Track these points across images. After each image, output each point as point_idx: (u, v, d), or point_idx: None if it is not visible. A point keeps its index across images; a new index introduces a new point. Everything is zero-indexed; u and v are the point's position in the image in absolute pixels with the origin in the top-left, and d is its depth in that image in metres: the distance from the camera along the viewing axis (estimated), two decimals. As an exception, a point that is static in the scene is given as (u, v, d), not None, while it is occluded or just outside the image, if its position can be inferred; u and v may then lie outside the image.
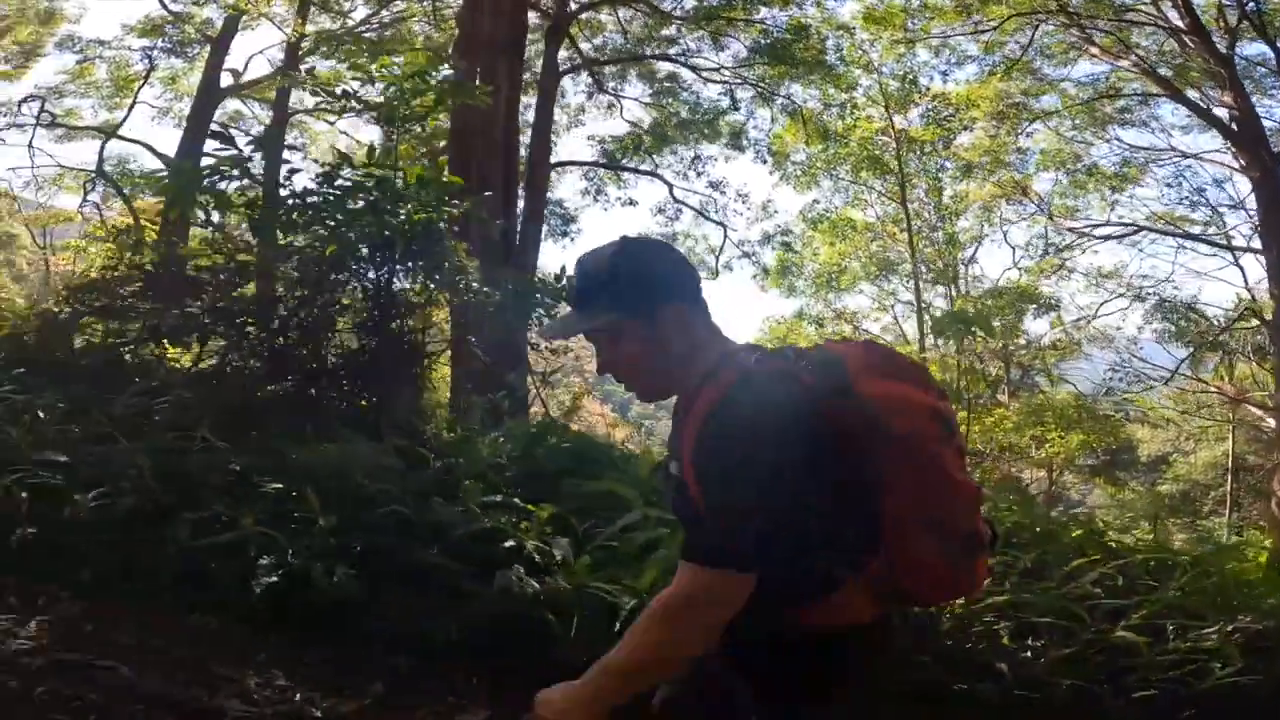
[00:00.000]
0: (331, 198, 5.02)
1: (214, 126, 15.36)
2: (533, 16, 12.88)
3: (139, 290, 5.15)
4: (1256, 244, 12.20)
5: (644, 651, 1.28)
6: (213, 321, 5.16)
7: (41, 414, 3.79)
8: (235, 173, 4.87)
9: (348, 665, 3.03)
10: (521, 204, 10.93)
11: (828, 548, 1.30)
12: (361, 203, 5.03)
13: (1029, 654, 2.90)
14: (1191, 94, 12.74)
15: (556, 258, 35.89)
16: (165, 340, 5.30)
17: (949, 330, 9.11)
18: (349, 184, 5.07)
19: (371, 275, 5.36)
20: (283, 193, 5.19)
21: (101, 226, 15.16)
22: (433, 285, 5.40)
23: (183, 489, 3.47)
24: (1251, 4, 10.72)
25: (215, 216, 5.51)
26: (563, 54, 15.49)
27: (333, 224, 5.12)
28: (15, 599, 2.92)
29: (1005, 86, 14.16)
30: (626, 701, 1.31)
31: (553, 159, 13.20)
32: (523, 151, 11.46)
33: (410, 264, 5.35)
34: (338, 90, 7.08)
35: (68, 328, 4.89)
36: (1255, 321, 11.69)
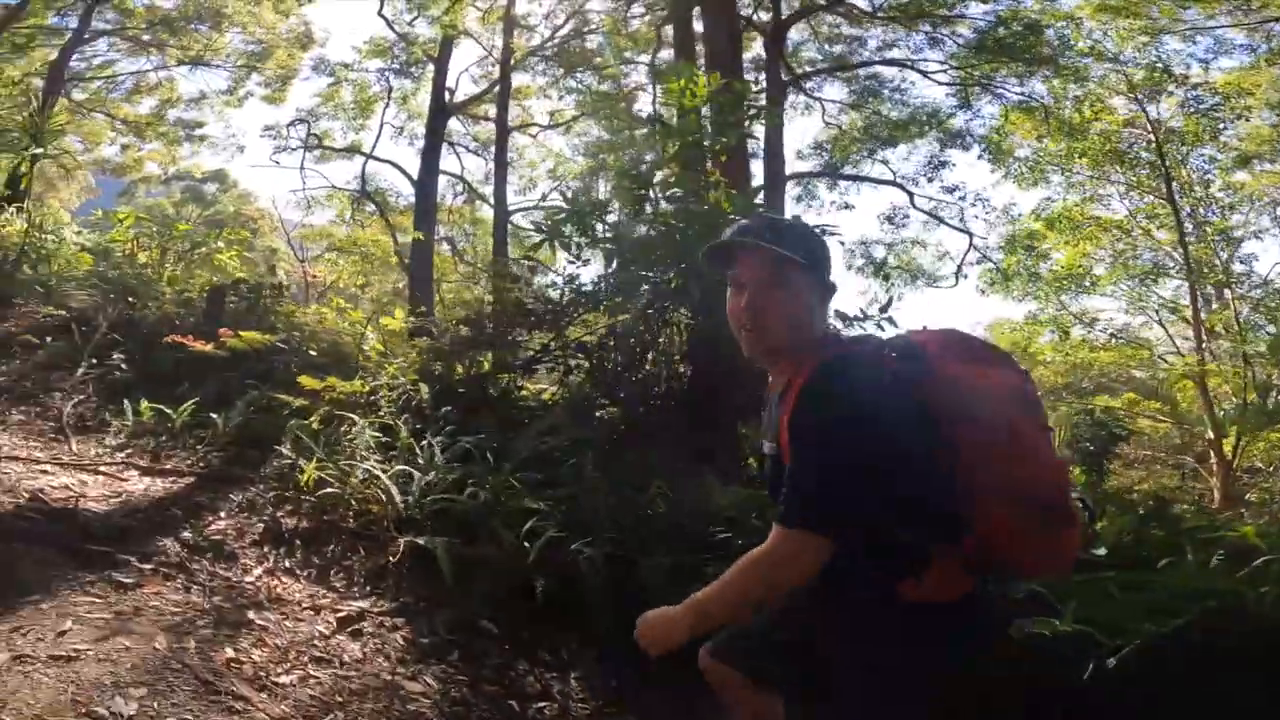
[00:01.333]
0: (691, 230, 5.15)
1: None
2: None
3: (506, 323, 5.58)
4: None
5: (726, 596, 1.43)
6: (571, 353, 5.50)
7: (490, 458, 4.16)
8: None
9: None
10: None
11: (916, 522, 1.38)
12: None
13: None
14: None
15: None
16: (522, 371, 5.73)
17: (1291, 355, 8.09)
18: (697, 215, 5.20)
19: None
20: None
21: (355, 242, 16.79)
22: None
23: (636, 533, 3.69)
24: None
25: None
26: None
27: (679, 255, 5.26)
28: (546, 653, 3.22)
29: (1285, 71, 12.59)
30: (701, 634, 1.53)
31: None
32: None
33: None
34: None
35: (454, 362, 5.34)
36: None
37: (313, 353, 5.38)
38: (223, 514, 3.44)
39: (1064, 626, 3.01)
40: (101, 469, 3.47)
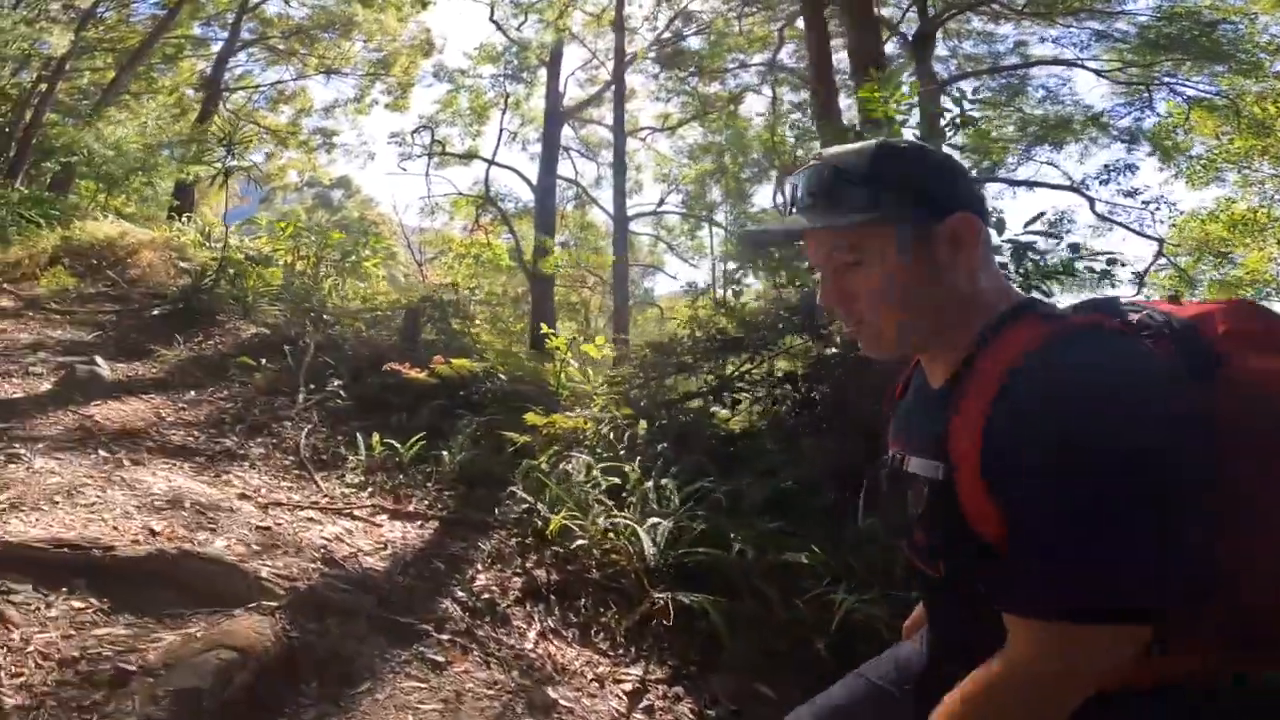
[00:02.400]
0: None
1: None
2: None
3: (703, 349, 5.32)
4: None
5: None
6: (777, 383, 5.18)
7: (723, 501, 3.89)
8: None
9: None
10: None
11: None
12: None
13: None
14: None
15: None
16: (713, 399, 5.45)
17: None
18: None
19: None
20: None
21: (481, 246, 16.98)
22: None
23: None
24: None
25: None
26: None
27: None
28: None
29: None
30: None
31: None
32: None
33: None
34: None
35: (654, 391, 5.11)
36: None
37: (502, 376, 5.24)
38: (478, 565, 3.27)
39: None
40: (356, 514, 3.36)
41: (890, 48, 15.10)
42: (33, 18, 12.40)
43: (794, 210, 1.01)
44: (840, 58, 12.43)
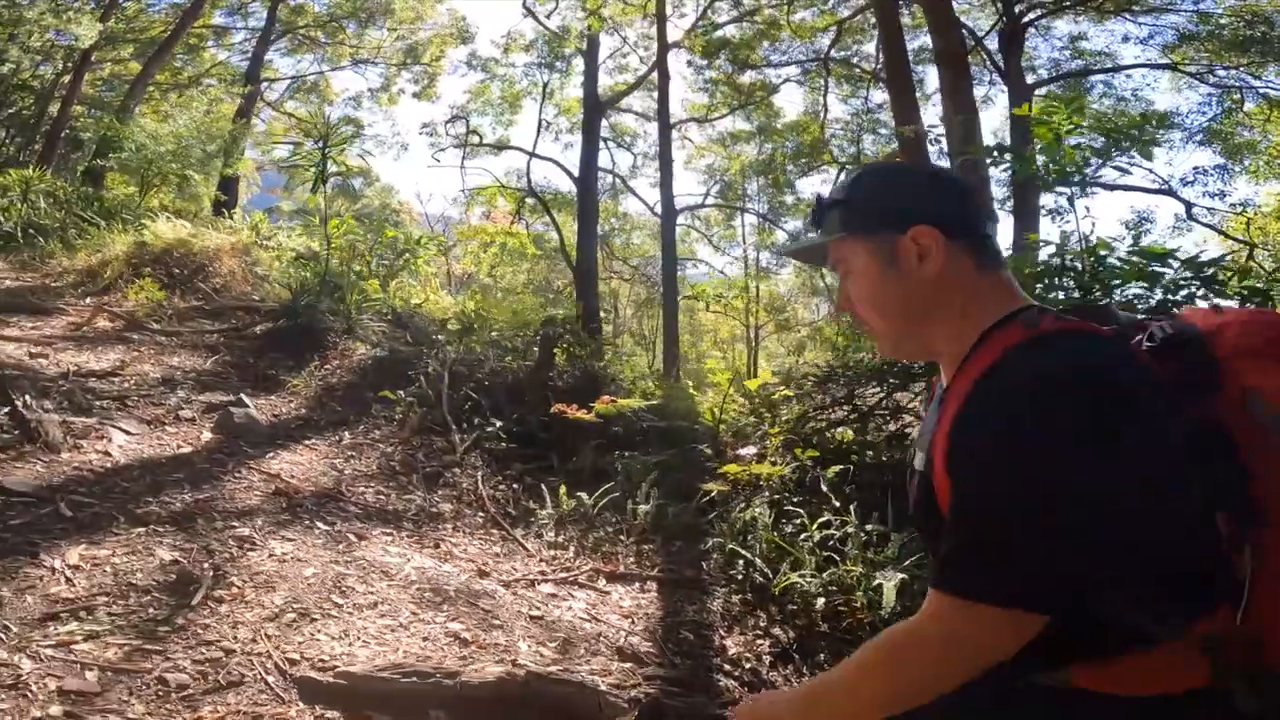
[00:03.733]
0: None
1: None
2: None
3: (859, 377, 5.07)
4: None
5: (858, 694, 0.94)
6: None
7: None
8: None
9: None
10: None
11: (1154, 588, 0.85)
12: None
13: None
14: None
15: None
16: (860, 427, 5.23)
17: None
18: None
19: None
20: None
21: (506, 235, 16.63)
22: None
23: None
24: None
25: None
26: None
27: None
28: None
29: None
30: None
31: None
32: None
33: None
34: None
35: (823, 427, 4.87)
36: None
37: (639, 405, 4.98)
38: (719, 630, 3.09)
39: None
40: (580, 580, 3.13)
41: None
42: (59, 8, 11.87)
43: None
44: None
